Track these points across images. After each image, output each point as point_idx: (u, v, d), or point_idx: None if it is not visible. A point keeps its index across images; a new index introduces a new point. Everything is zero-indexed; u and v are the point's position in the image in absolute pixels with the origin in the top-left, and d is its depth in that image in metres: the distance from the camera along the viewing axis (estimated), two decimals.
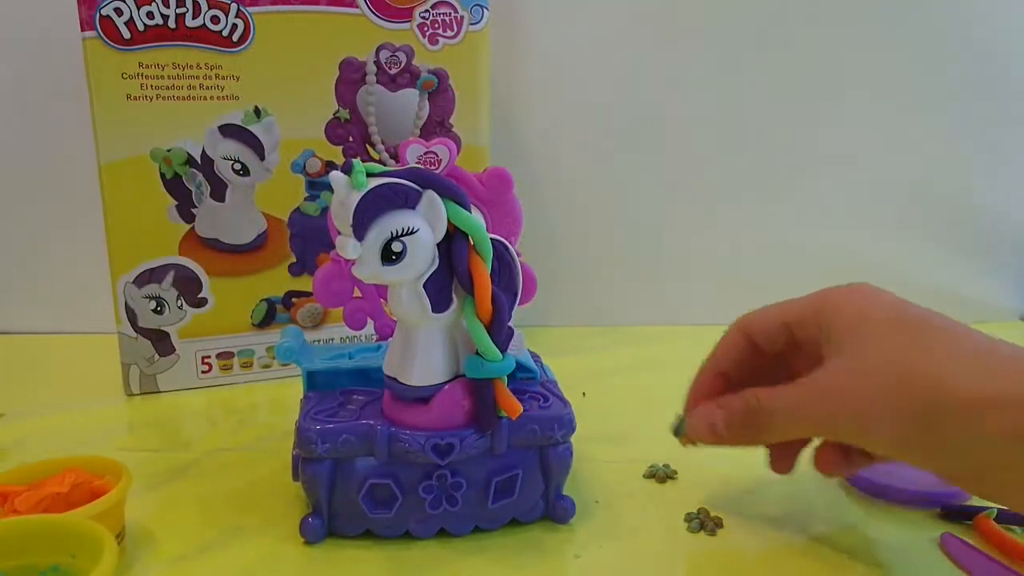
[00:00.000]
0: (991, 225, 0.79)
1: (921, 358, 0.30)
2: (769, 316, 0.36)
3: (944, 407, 0.28)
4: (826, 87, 0.76)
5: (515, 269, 0.37)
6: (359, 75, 0.58)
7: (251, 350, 0.61)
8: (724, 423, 0.35)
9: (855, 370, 0.31)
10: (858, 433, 0.31)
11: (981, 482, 0.30)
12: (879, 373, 0.30)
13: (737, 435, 0.35)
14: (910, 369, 0.30)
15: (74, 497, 0.36)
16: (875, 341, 0.31)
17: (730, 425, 0.35)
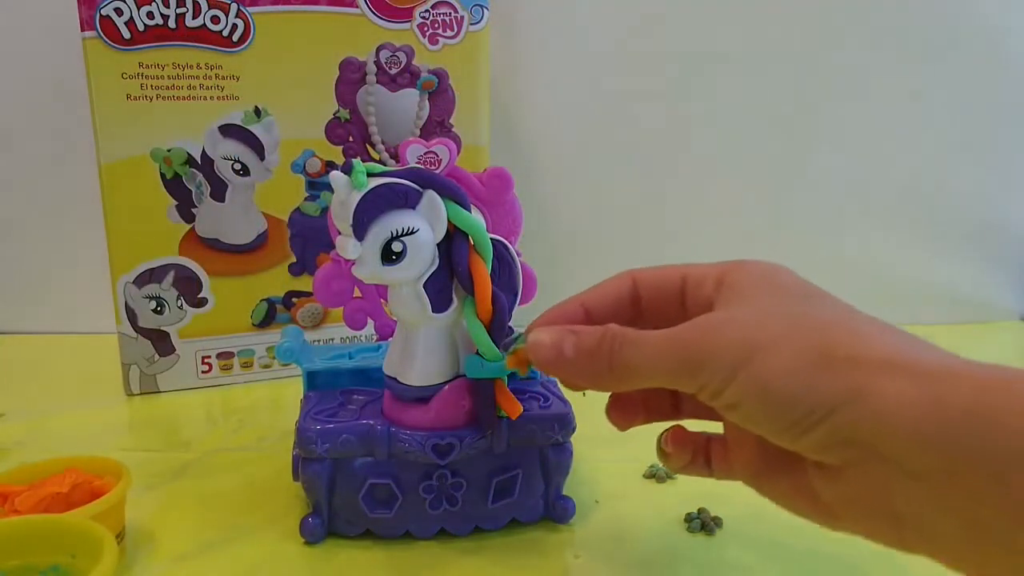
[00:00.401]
0: (991, 225, 0.79)
1: (826, 315, 0.26)
2: (665, 269, 0.32)
3: (842, 356, 0.24)
4: (826, 87, 0.76)
5: (515, 269, 0.37)
6: (359, 75, 0.58)
7: (251, 350, 0.61)
8: (573, 345, 0.29)
9: (746, 314, 0.27)
10: (734, 370, 0.25)
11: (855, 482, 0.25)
12: (776, 316, 0.26)
13: (584, 364, 0.29)
14: (812, 318, 0.26)
15: (74, 497, 0.36)
16: (774, 298, 0.28)
17: (579, 348, 0.29)
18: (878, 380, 0.23)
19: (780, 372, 0.25)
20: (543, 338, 0.30)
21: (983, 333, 0.79)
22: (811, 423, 0.24)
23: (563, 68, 0.74)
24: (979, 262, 0.80)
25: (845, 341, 0.25)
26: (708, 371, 0.26)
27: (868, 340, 0.25)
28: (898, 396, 0.23)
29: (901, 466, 0.23)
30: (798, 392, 0.24)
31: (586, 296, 0.33)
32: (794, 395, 0.24)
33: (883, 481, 0.24)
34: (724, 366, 0.26)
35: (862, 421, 0.23)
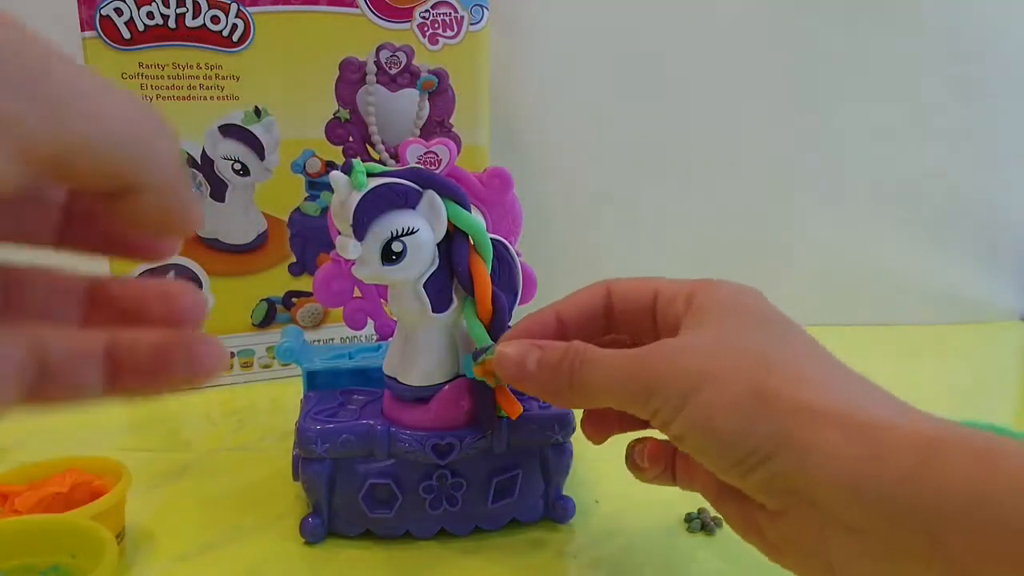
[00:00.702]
0: (991, 225, 0.79)
1: (776, 354, 0.26)
2: (639, 282, 0.32)
3: (783, 403, 0.24)
4: (826, 87, 0.76)
5: (515, 269, 0.37)
6: (359, 75, 0.58)
7: (251, 350, 0.61)
8: (536, 360, 0.30)
9: (705, 343, 0.27)
10: (688, 406, 0.26)
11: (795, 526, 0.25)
12: (730, 351, 0.26)
13: (545, 380, 0.30)
14: (761, 356, 0.26)
15: (74, 497, 0.36)
16: (733, 325, 0.28)
17: (542, 364, 0.30)
18: (814, 431, 0.24)
19: (723, 408, 0.25)
20: (508, 352, 0.31)
21: (983, 333, 0.79)
22: (751, 465, 0.25)
23: (563, 68, 0.74)
24: (979, 262, 0.80)
25: (789, 385, 0.25)
26: (659, 398, 0.26)
27: (812, 386, 0.25)
28: (832, 449, 0.23)
29: (836, 518, 0.24)
30: (738, 431, 0.25)
31: (561, 305, 0.33)
32: (734, 434, 0.25)
33: (818, 529, 0.24)
34: (674, 395, 0.26)
35: (797, 471, 0.24)
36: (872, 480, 0.23)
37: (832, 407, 0.24)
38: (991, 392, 0.65)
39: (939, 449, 0.22)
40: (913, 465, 0.22)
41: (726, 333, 0.27)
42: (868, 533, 0.23)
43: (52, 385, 0.19)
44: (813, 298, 0.78)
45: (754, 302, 0.29)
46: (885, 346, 0.75)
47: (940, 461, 0.22)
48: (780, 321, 0.28)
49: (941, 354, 0.74)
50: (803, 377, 0.25)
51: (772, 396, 0.25)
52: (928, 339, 0.77)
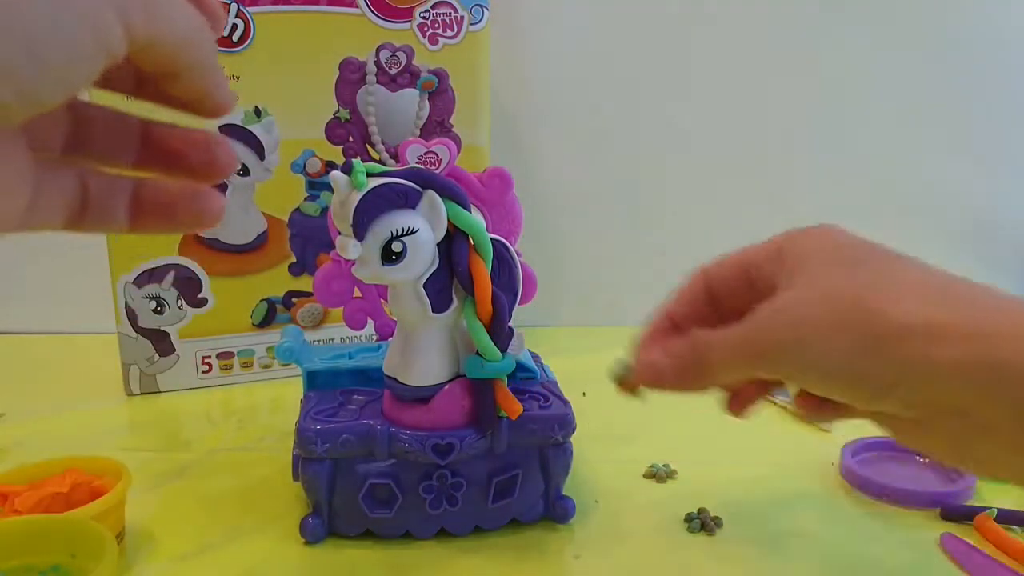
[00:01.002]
0: (992, 227, 0.79)
1: (868, 287, 0.28)
2: (729, 260, 0.34)
3: (890, 335, 0.26)
4: (827, 88, 0.76)
5: (515, 269, 0.37)
6: (359, 75, 0.58)
7: (251, 350, 0.61)
8: (668, 364, 0.32)
9: (799, 299, 0.29)
10: (801, 364, 0.28)
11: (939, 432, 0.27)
12: (823, 300, 0.28)
13: (681, 376, 0.32)
14: (855, 297, 0.28)
15: (74, 497, 0.36)
16: (823, 271, 0.29)
17: (673, 364, 0.32)
18: (930, 350, 0.25)
19: (834, 361, 0.27)
20: (642, 361, 0.34)
21: None
22: (879, 395, 0.27)
23: (563, 68, 0.74)
24: (978, 262, 0.80)
25: (891, 316, 0.26)
26: (773, 365, 0.29)
27: (914, 307, 0.26)
28: (953, 363, 0.25)
29: (977, 419, 0.25)
30: (855, 377, 0.27)
31: (669, 305, 0.36)
32: (853, 380, 0.27)
33: (964, 432, 0.26)
34: (785, 360, 0.28)
35: (929, 389, 0.26)
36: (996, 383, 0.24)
37: (939, 322, 0.26)
38: None
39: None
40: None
41: (817, 280, 0.29)
42: (1005, 431, 0.25)
43: (88, 212, 0.23)
44: None
45: (835, 239, 0.31)
46: None
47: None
48: (863, 250, 0.30)
49: None
50: (902, 300, 0.27)
51: (876, 333, 0.26)
52: None
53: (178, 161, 0.24)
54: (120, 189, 0.24)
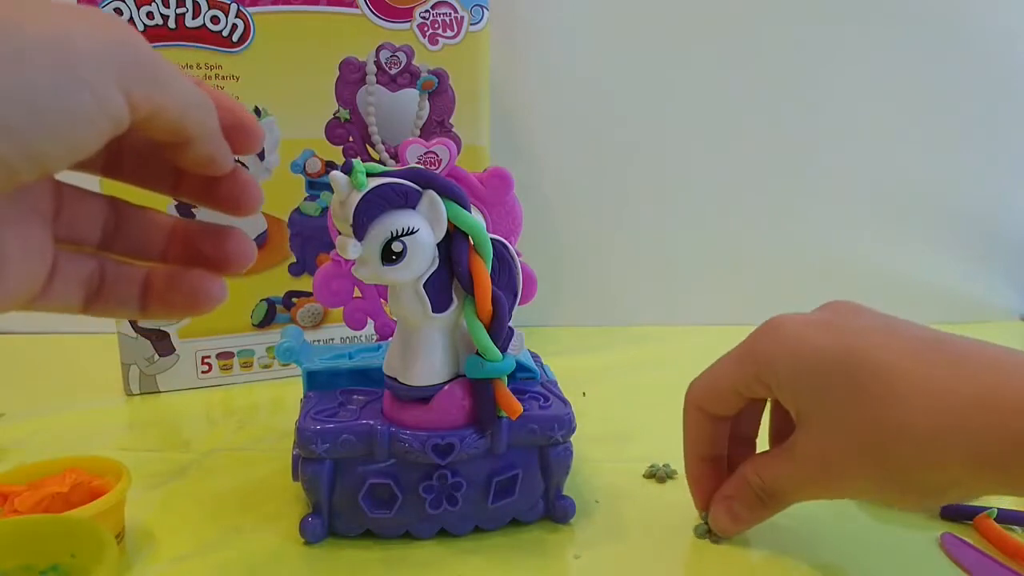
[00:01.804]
0: (990, 225, 0.80)
1: (877, 405, 0.31)
2: (716, 388, 0.37)
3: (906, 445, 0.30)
4: (827, 88, 0.76)
5: (515, 269, 0.37)
6: (359, 75, 0.58)
7: (251, 350, 0.61)
8: (744, 511, 0.37)
9: (824, 434, 0.33)
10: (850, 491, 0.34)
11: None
12: (846, 431, 0.32)
13: (757, 516, 0.37)
14: (871, 419, 0.31)
15: (74, 497, 0.36)
16: (829, 397, 0.32)
17: (750, 510, 0.37)
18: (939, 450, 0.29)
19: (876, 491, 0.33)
20: (719, 518, 0.38)
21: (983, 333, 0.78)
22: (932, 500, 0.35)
23: (563, 68, 0.74)
24: (979, 262, 0.80)
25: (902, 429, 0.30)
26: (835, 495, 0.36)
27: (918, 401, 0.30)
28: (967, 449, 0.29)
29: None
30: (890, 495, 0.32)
31: (695, 449, 0.39)
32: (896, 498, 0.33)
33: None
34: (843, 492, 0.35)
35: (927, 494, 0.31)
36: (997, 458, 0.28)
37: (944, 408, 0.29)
38: None
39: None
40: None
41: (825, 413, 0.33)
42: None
43: (102, 297, 0.26)
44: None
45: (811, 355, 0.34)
46: None
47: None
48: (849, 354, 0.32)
49: None
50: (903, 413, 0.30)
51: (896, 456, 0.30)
52: None
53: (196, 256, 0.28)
54: (133, 275, 0.26)
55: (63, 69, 0.19)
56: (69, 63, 0.19)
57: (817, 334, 0.34)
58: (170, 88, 0.22)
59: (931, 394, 0.30)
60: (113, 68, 0.20)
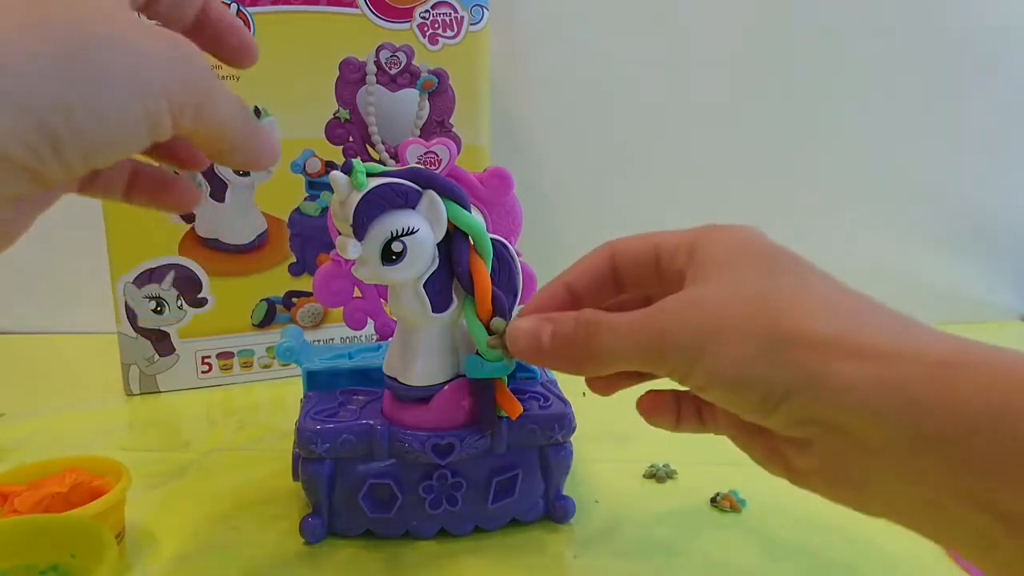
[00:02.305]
0: (990, 225, 0.79)
1: (782, 295, 0.26)
2: (641, 239, 0.32)
3: (795, 343, 0.24)
4: (827, 88, 0.76)
5: (514, 269, 0.37)
6: (359, 75, 0.58)
7: (251, 350, 0.61)
8: (549, 334, 0.30)
9: (709, 296, 0.27)
10: (694, 358, 0.26)
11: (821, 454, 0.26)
12: (734, 300, 0.26)
13: (561, 352, 0.30)
14: (766, 300, 0.26)
15: (74, 497, 0.36)
16: (738, 272, 0.28)
17: (556, 336, 0.30)
18: (831, 364, 0.24)
19: (733, 360, 0.25)
20: (522, 326, 0.31)
21: (983, 333, 0.79)
22: (771, 406, 0.25)
23: (563, 68, 0.74)
24: (979, 262, 0.80)
25: (799, 324, 0.25)
26: (673, 357, 0.27)
27: (822, 319, 0.25)
28: (849, 380, 0.23)
29: (861, 443, 0.24)
30: (752, 379, 0.25)
31: (568, 275, 0.33)
32: (749, 382, 0.25)
33: (847, 454, 0.25)
34: (686, 351, 0.26)
35: (819, 404, 0.24)
36: (890, 405, 0.23)
37: (845, 338, 0.24)
38: None
39: (957, 368, 0.22)
40: (931, 386, 0.22)
41: (729, 281, 0.27)
42: (892, 456, 0.23)
43: (95, 184, 0.28)
44: None
45: (754, 243, 0.29)
46: None
47: (957, 380, 0.22)
48: (782, 258, 0.28)
49: None
50: (812, 311, 0.25)
51: (782, 337, 0.25)
52: None
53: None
54: (122, 167, 0.30)
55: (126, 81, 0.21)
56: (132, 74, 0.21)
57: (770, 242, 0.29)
58: (218, 104, 0.23)
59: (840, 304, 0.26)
60: (169, 81, 0.22)
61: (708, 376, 0.26)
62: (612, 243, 0.33)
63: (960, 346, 0.23)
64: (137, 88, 0.21)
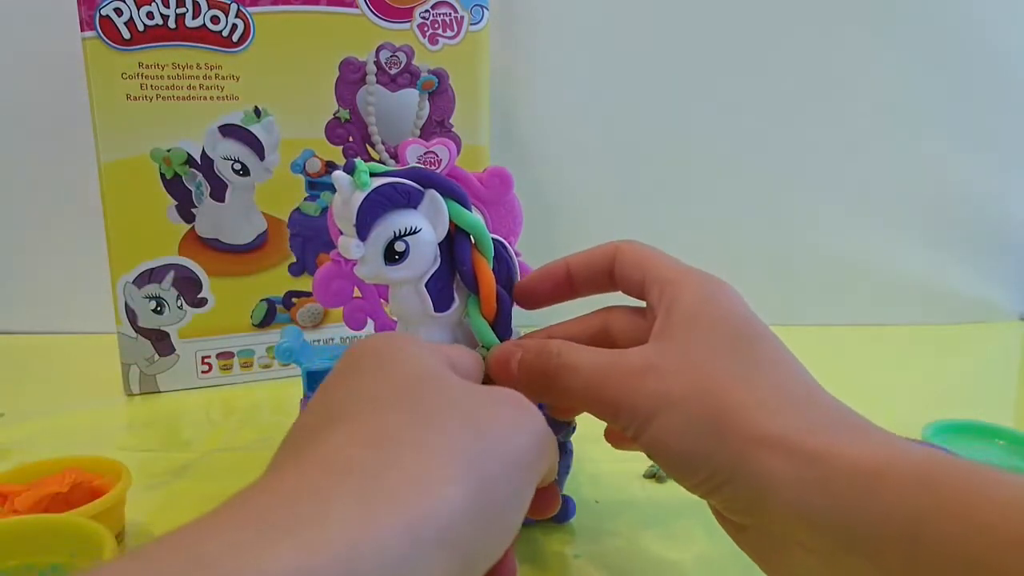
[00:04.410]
0: (991, 225, 0.79)
1: (733, 376, 0.26)
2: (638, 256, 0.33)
3: (739, 437, 0.25)
4: (828, 88, 0.76)
5: (513, 268, 0.37)
6: (359, 75, 0.58)
7: (251, 350, 0.61)
8: (517, 362, 0.31)
9: (663, 363, 0.27)
10: (642, 424, 0.27)
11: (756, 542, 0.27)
12: (687, 370, 0.27)
13: (527, 378, 0.30)
14: (716, 380, 0.26)
15: (74, 497, 0.36)
16: (700, 338, 0.28)
17: (523, 364, 0.31)
18: (764, 459, 0.25)
19: (681, 433, 0.26)
20: (495, 354, 0.32)
21: (983, 333, 0.79)
22: (712, 487, 0.26)
23: (563, 68, 0.74)
24: (979, 262, 0.80)
25: (745, 411, 0.25)
26: (624, 418, 0.28)
27: (767, 411, 0.25)
28: (781, 479, 0.24)
29: (792, 538, 0.24)
30: (696, 455, 0.26)
31: (572, 258, 0.34)
32: (693, 457, 0.26)
33: (777, 546, 0.25)
34: (637, 416, 0.27)
35: (750, 497, 0.25)
36: (818, 507, 0.23)
37: (785, 434, 0.25)
38: (991, 392, 0.65)
39: (882, 474, 0.23)
40: (856, 492, 0.23)
41: (689, 349, 0.28)
42: (820, 554, 0.24)
43: None
44: (813, 298, 0.78)
45: (723, 308, 0.29)
46: (885, 346, 0.75)
47: (883, 487, 0.23)
48: (747, 332, 0.28)
49: (941, 354, 0.74)
50: (760, 402, 0.26)
51: (728, 423, 0.25)
52: (928, 339, 0.77)
53: None
54: None
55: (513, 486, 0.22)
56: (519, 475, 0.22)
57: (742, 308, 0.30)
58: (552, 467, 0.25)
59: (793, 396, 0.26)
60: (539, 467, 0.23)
61: (653, 445, 0.27)
62: (619, 246, 0.34)
63: (892, 452, 0.24)
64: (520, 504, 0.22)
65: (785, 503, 0.24)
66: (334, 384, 0.25)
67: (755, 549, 0.27)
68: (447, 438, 0.21)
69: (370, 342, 0.25)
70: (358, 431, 0.21)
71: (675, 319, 0.29)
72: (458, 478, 0.20)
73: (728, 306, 0.29)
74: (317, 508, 0.17)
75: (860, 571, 0.23)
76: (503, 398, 0.24)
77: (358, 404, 0.23)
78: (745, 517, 0.26)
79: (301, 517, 0.17)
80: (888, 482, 0.23)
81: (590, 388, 0.28)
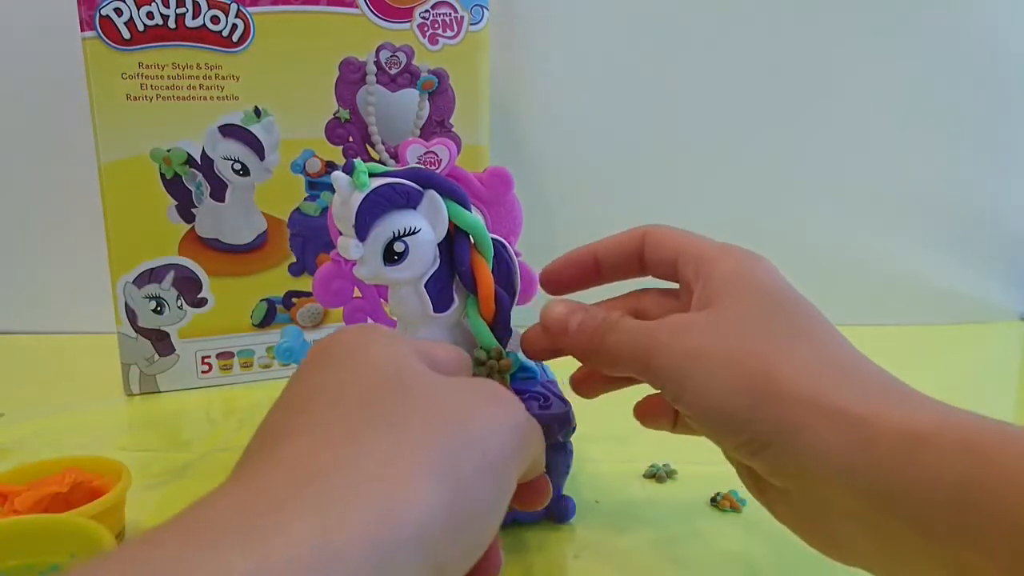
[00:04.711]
0: (991, 225, 0.79)
1: (774, 341, 0.26)
2: (669, 238, 0.34)
3: (780, 399, 0.25)
4: (828, 88, 0.76)
5: (513, 268, 0.37)
6: (359, 75, 0.58)
7: (251, 350, 0.61)
8: (578, 322, 0.31)
9: (702, 322, 0.28)
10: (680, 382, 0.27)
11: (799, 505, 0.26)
12: (727, 334, 0.27)
13: (580, 341, 0.31)
14: (757, 344, 0.26)
15: (74, 497, 0.36)
16: (740, 305, 0.28)
17: (582, 327, 0.31)
18: (807, 422, 0.24)
19: (723, 393, 0.26)
20: (558, 309, 0.32)
21: (983, 333, 0.79)
22: (752, 451, 0.26)
23: (563, 68, 0.74)
24: (979, 262, 0.80)
25: (788, 373, 0.25)
26: (663, 380, 0.28)
27: (810, 375, 0.25)
28: (824, 441, 0.24)
29: (834, 502, 0.24)
30: (737, 417, 0.26)
31: (599, 245, 0.35)
32: (734, 419, 0.26)
33: (821, 511, 0.25)
34: (677, 377, 0.27)
35: (792, 459, 0.25)
36: (862, 469, 0.23)
37: (828, 397, 0.24)
38: (991, 392, 0.65)
39: (928, 439, 0.22)
40: (901, 456, 0.23)
41: (730, 315, 0.28)
42: (862, 519, 0.24)
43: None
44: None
45: (762, 276, 0.29)
46: (885, 346, 0.74)
47: (928, 452, 0.22)
48: (785, 300, 0.28)
49: (941, 354, 0.74)
50: (802, 365, 0.26)
51: (770, 385, 0.25)
52: (928, 339, 0.77)
53: None
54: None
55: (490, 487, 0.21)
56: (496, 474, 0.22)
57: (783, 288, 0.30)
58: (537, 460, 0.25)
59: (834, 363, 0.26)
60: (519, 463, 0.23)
61: (693, 406, 0.27)
62: (648, 229, 0.35)
63: (936, 416, 0.23)
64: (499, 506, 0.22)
65: (827, 466, 0.24)
66: (303, 377, 0.25)
67: (794, 515, 0.27)
68: (417, 437, 0.20)
69: (341, 335, 0.25)
70: (323, 433, 0.21)
71: (714, 289, 0.29)
72: (429, 480, 0.19)
73: (766, 278, 0.29)
74: (275, 517, 0.17)
75: (902, 536, 0.23)
76: (478, 390, 0.24)
77: (325, 401, 0.22)
78: (786, 480, 0.26)
79: (258, 528, 0.16)
80: (935, 447, 0.22)
81: (637, 347, 0.28)
